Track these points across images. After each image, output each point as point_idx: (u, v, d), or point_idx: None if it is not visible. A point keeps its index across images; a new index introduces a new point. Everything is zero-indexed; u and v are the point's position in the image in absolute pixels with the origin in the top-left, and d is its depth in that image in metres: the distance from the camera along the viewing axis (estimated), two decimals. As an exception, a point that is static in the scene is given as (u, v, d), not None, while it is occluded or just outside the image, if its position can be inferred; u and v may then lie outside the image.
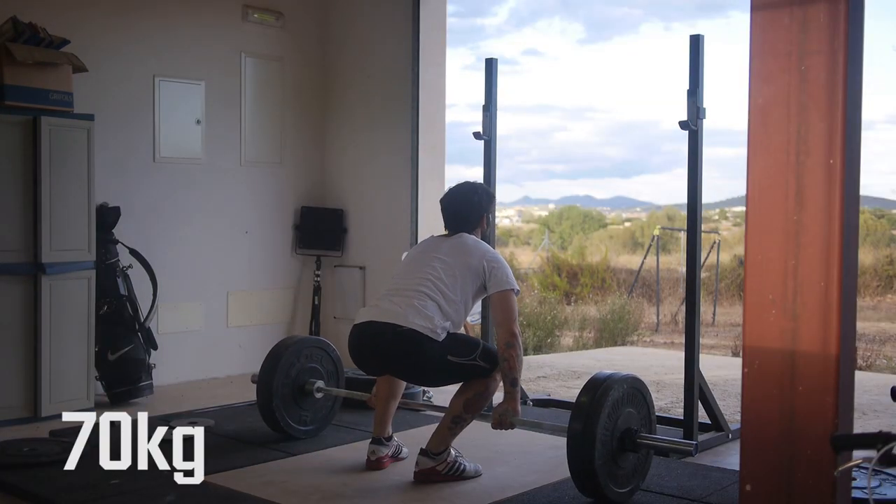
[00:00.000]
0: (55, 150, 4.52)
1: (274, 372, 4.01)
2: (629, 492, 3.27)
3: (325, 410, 4.21)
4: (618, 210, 42.52)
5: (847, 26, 2.09)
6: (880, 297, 14.04)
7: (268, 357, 4.09)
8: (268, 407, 3.99)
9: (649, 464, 3.40)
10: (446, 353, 3.33)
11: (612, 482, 3.17)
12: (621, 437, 3.21)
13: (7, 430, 4.24)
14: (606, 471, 3.14)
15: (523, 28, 78.67)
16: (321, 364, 4.19)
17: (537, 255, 18.79)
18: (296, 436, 4.06)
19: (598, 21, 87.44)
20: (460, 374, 3.41)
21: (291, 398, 4.05)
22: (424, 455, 3.39)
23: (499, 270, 3.44)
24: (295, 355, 4.08)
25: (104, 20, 5.24)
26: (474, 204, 3.63)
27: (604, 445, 3.12)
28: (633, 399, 3.29)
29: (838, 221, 2.11)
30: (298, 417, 4.08)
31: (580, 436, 3.11)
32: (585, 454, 3.09)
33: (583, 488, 3.18)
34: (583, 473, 3.13)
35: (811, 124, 2.14)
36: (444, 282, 3.40)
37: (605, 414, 3.13)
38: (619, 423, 3.20)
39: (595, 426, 3.10)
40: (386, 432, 3.63)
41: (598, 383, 3.21)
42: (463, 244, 3.51)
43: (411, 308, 3.33)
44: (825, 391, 2.12)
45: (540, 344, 8.71)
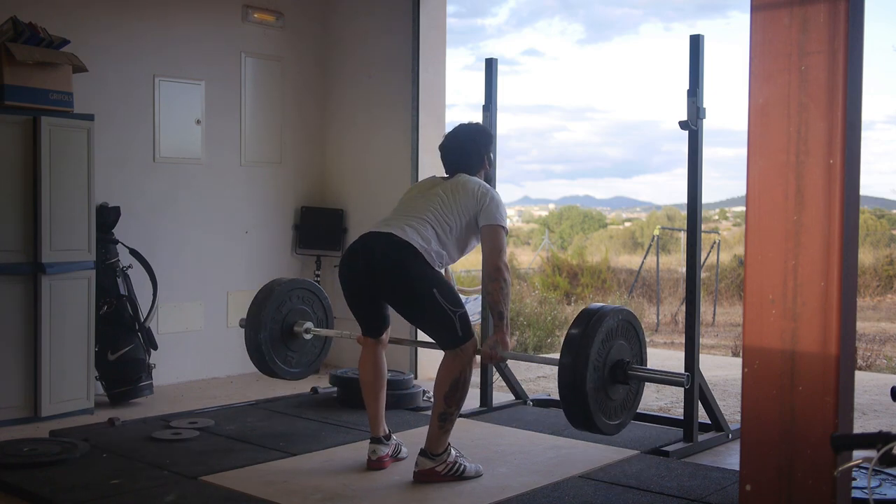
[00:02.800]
0: (55, 150, 4.52)
1: (265, 305, 3.99)
2: (619, 425, 3.28)
3: (312, 357, 4.22)
4: (618, 210, 42.55)
5: (847, 26, 2.09)
6: (880, 297, 14.04)
7: (259, 292, 4.07)
8: (254, 340, 3.97)
9: (640, 398, 3.40)
10: (433, 285, 3.32)
11: (603, 413, 3.17)
12: (612, 368, 3.19)
13: (7, 430, 4.25)
14: (597, 401, 3.13)
15: (523, 28, 78.55)
16: (311, 308, 4.18)
17: (537, 255, 18.80)
18: (280, 375, 4.09)
19: (598, 21, 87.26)
20: (434, 320, 3.36)
21: (280, 337, 4.05)
22: (424, 455, 3.38)
23: (491, 204, 3.44)
24: (286, 294, 4.07)
25: (104, 20, 5.24)
26: (474, 150, 3.62)
27: (595, 375, 3.10)
28: (626, 332, 3.27)
29: (838, 221, 2.11)
30: (284, 357, 4.09)
31: (571, 365, 3.09)
32: (576, 384, 3.07)
33: (573, 418, 3.17)
34: (573, 403, 3.11)
35: (811, 124, 2.14)
36: (443, 215, 3.42)
37: (597, 344, 3.12)
38: (611, 355, 3.19)
39: (587, 356, 3.08)
40: (383, 430, 3.62)
41: (591, 314, 3.19)
42: (463, 182, 3.51)
43: (410, 227, 3.37)
44: (825, 391, 2.12)
45: (540, 344, 8.70)
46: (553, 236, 25.30)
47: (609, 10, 76.70)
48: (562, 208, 34.44)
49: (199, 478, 3.43)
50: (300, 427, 4.28)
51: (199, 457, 3.72)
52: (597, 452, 3.86)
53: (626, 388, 3.28)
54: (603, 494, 3.28)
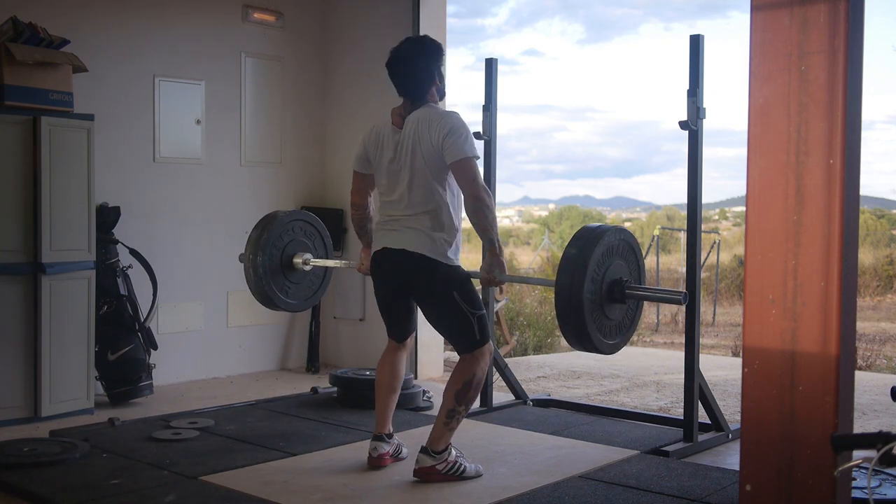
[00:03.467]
0: (55, 150, 4.52)
1: (265, 231, 4.00)
2: (616, 344, 3.28)
3: (309, 292, 4.25)
4: (618, 210, 42.56)
5: (847, 26, 2.09)
6: (880, 297, 14.05)
7: (260, 220, 4.10)
8: (253, 262, 3.98)
9: (637, 319, 3.40)
10: (453, 287, 3.33)
11: (600, 331, 3.17)
12: (610, 286, 3.19)
13: (7, 430, 4.25)
14: (594, 318, 3.13)
15: (523, 28, 78.62)
16: (312, 242, 4.21)
17: (537, 255, 18.80)
18: (278, 305, 4.13)
19: (598, 21, 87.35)
20: (454, 320, 3.37)
21: (279, 266, 4.07)
22: (425, 453, 3.37)
23: (450, 138, 3.27)
24: (288, 224, 4.09)
25: (104, 20, 5.24)
26: (422, 66, 3.41)
27: (592, 292, 3.10)
28: (624, 252, 3.27)
29: (838, 221, 2.11)
30: (282, 286, 4.12)
31: (568, 285, 3.09)
32: (574, 301, 3.07)
33: (569, 335, 3.18)
34: (570, 320, 3.11)
35: (811, 124, 2.14)
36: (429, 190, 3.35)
37: (594, 263, 3.11)
38: (609, 273, 3.18)
39: (584, 274, 3.07)
40: (387, 429, 3.62)
41: (589, 232, 3.19)
42: (418, 135, 3.33)
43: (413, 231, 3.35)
44: (825, 391, 2.12)
45: (540, 344, 8.71)
46: (553, 236, 25.30)
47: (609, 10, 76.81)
48: (562, 208, 34.47)
49: (199, 478, 3.43)
50: (300, 427, 4.28)
51: (199, 457, 3.72)
52: (597, 452, 3.86)
53: (623, 308, 3.27)
54: (603, 494, 3.28)
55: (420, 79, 3.42)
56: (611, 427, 4.34)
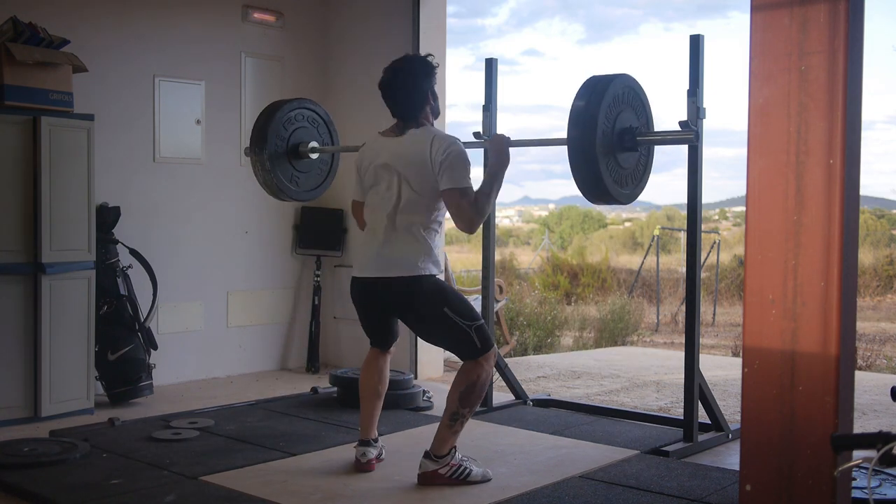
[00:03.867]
0: (55, 150, 4.52)
1: (269, 122, 3.99)
2: (631, 193, 3.30)
3: (316, 181, 4.25)
4: (618, 210, 42.51)
5: (847, 26, 2.09)
6: (880, 297, 14.05)
7: (263, 111, 4.09)
8: (260, 154, 3.97)
9: (650, 166, 3.41)
10: (444, 304, 3.30)
11: (615, 181, 3.19)
12: (620, 135, 3.19)
13: (7, 430, 4.25)
14: (608, 168, 3.14)
15: (523, 28, 78.59)
16: (317, 129, 4.20)
17: (537, 255, 18.79)
18: (288, 194, 4.16)
19: (598, 21, 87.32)
20: (450, 336, 3.34)
21: (285, 155, 4.06)
22: (427, 458, 3.36)
23: (447, 164, 3.25)
24: (291, 113, 4.07)
25: (104, 20, 5.24)
26: (414, 86, 3.37)
27: (604, 142, 3.10)
28: (631, 100, 3.26)
29: (838, 221, 2.11)
30: (290, 175, 4.11)
31: (579, 137, 3.09)
32: (586, 153, 3.07)
33: (586, 188, 3.18)
34: (584, 172, 3.11)
35: (811, 124, 2.14)
36: (416, 211, 3.33)
37: (603, 113, 3.11)
38: (618, 122, 3.19)
39: (594, 125, 3.07)
40: (373, 434, 3.61)
41: (594, 84, 3.17)
42: (414, 155, 3.32)
43: (396, 254, 3.32)
44: (825, 391, 2.13)
45: (540, 344, 8.71)
46: (553, 236, 25.31)
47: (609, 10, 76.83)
48: (562, 208, 34.45)
49: (199, 478, 3.44)
50: (300, 427, 4.28)
51: (199, 457, 3.72)
52: (597, 452, 3.86)
53: (635, 156, 3.28)
54: (603, 494, 3.28)
55: (413, 98, 3.39)
56: (611, 427, 4.34)
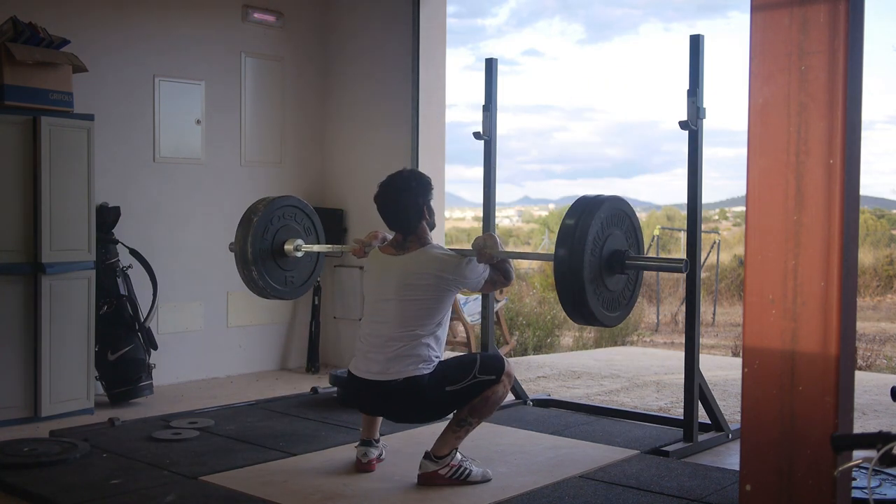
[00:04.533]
0: (55, 150, 4.52)
1: (247, 238, 3.97)
2: (618, 316, 3.28)
3: (310, 267, 4.22)
4: (618, 210, 42.29)
5: (847, 26, 2.09)
6: (880, 297, 14.04)
7: (239, 225, 4.06)
8: (249, 275, 3.97)
9: (639, 288, 3.39)
10: (444, 385, 3.30)
11: (602, 304, 3.16)
12: (609, 257, 3.17)
13: (7, 430, 4.25)
14: (596, 293, 3.12)
15: (523, 28, 78.79)
16: (296, 221, 4.16)
17: (537, 255, 18.76)
18: (284, 297, 4.16)
19: (598, 21, 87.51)
20: (466, 397, 3.33)
21: (272, 261, 4.03)
22: (428, 459, 3.35)
23: (465, 275, 3.37)
24: (267, 219, 4.04)
25: (104, 20, 5.24)
26: (410, 202, 3.43)
27: (592, 268, 3.09)
28: (620, 221, 3.24)
29: (838, 221, 2.10)
30: (283, 279, 4.09)
31: (567, 257, 3.07)
32: (574, 278, 3.05)
33: (573, 313, 3.16)
34: (572, 298, 3.09)
35: (811, 124, 2.14)
36: (419, 320, 3.34)
37: (593, 234, 3.09)
38: (607, 244, 3.17)
39: (582, 245, 3.05)
40: (375, 434, 3.61)
41: (585, 204, 3.16)
42: (416, 271, 3.37)
43: (397, 359, 3.30)
44: (825, 391, 2.12)
45: (540, 344, 8.71)
46: (553, 236, 25.28)
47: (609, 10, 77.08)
48: (562, 208, 34.39)
49: (199, 478, 3.44)
50: (300, 427, 4.28)
51: (199, 457, 3.72)
52: (597, 452, 3.86)
53: (624, 279, 3.26)
54: (603, 494, 3.28)
55: (409, 215, 3.45)
56: (611, 427, 4.34)
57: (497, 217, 4.88)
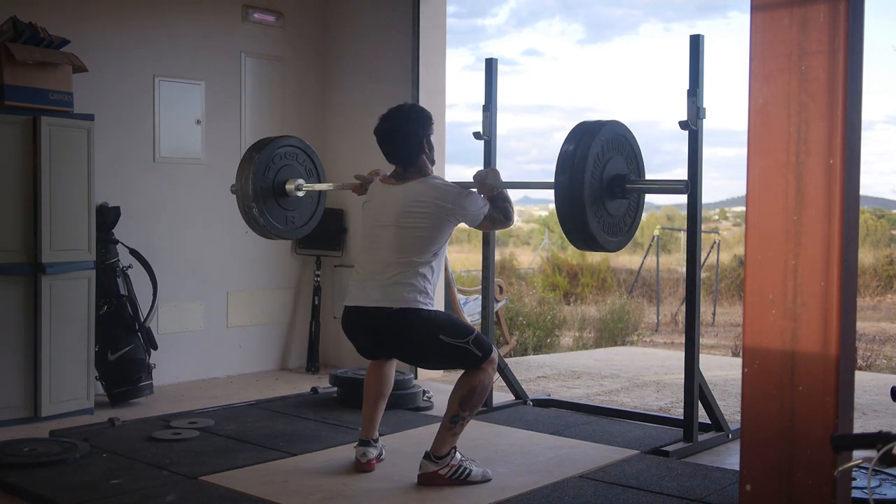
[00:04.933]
0: (55, 150, 4.52)
1: (248, 176, 3.95)
2: (620, 241, 3.27)
3: (311, 209, 4.21)
4: (618, 210, 42.29)
5: (847, 26, 2.09)
6: (880, 297, 14.04)
7: (240, 164, 4.04)
8: (250, 213, 3.96)
9: (641, 213, 3.37)
10: (438, 332, 3.32)
11: (603, 229, 3.15)
12: (610, 182, 3.15)
13: (7, 430, 4.25)
14: (597, 217, 3.10)
15: (523, 28, 78.83)
16: (297, 162, 4.14)
17: (537, 255, 18.79)
18: (286, 236, 4.16)
19: (598, 21, 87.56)
20: (451, 357, 3.38)
21: (273, 200, 4.02)
22: (428, 459, 3.35)
23: (469, 208, 3.39)
24: (268, 158, 4.01)
25: (104, 20, 5.24)
26: (411, 134, 3.44)
27: (592, 191, 3.06)
28: (620, 146, 3.22)
29: (838, 221, 2.11)
30: (285, 219, 4.08)
31: (567, 183, 3.04)
32: (575, 202, 3.03)
33: (573, 235, 3.15)
34: (572, 222, 3.08)
35: (811, 124, 2.14)
36: (416, 248, 3.37)
37: (592, 159, 3.06)
38: (608, 169, 3.14)
39: (582, 170, 3.02)
40: (374, 434, 3.61)
41: (584, 129, 3.12)
42: (416, 200, 3.38)
43: (393, 285, 3.34)
44: (825, 391, 2.12)
45: (540, 344, 8.71)
46: (553, 236, 25.27)
47: (609, 10, 77.13)
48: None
49: (199, 478, 3.44)
50: (300, 427, 4.28)
51: (199, 457, 3.72)
52: (597, 452, 3.86)
53: (625, 203, 3.24)
54: (603, 494, 3.28)
55: (409, 147, 3.46)
56: (611, 427, 4.34)
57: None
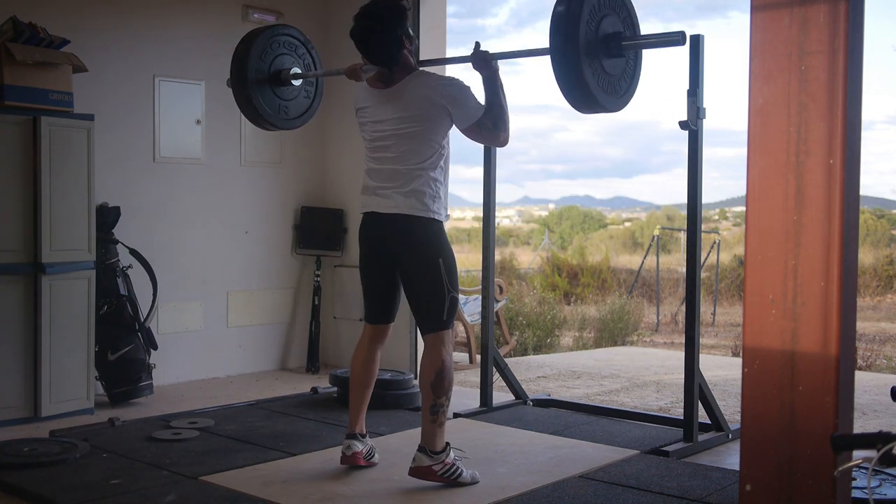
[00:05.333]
0: (55, 150, 4.52)
1: (246, 57, 3.88)
2: (621, 100, 3.25)
3: (307, 104, 4.17)
4: (618, 210, 42.60)
5: (847, 26, 2.09)
6: (880, 297, 14.05)
7: (239, 44, 3.98)
8: (243, 94, 3.90)
9: (640, 70, 3.33)
10: (440, 255, 3.35)
11: (603, 89, 3.11)
12: (605, 40, 3.10)
13: (7, 430, 4.25)
14: (595, 76, 3.06)
15: (523, 28, 78.62)
16: (296, 53, 4.11)
17: (537, 255, 18.79)
18: (280, 126, 4.07)
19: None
20: (429, 291, 3.36)
21: (268, 87, 3.98)
22: (423, 452, 3.34)
23: (458, 99, 3.31)
24: (266, 42, 3.96)
25: (104, 20, 5.24)
26: (387, 36, 3.33)
27: (588, 48, 3.02)
28: (613, 3, 3.17)
29: (838, 221, 2.11)
30: (277, 107, 4.04)
31: (562, 49, 2.99)
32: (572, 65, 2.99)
33: (573, 97, 3.11)
34: (570, 80, 3.03)
35: (811, 124, 2.14)
36: (413, 151, 3.36)
37: (585, 18, 3.01)
38: (602, 27, 3.10)
39: (576, 30, 2.97)
40: (360, 427, 3.58)
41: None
42: (408, 100, 3.34)
43: (405, 194, 3.35)
44: (825, 391, 2.12)
45: (540, 344, 8.71)
46: (553, 236, 25.30)
47: (609, 10, 76.86)
48: (562, 208, 34.48)
49: (199, 478, 3.44)
50: (300, 427, 4.28)
51: (199, 457, 3.72)
52: (597, 452, 3.86)
53: (622, 62, 3.20)
54: (603, 494, 3.28)
55: (389, 48, 3.37)
56: (611, 427, 4.34)
57: (497, 217, 4.88)
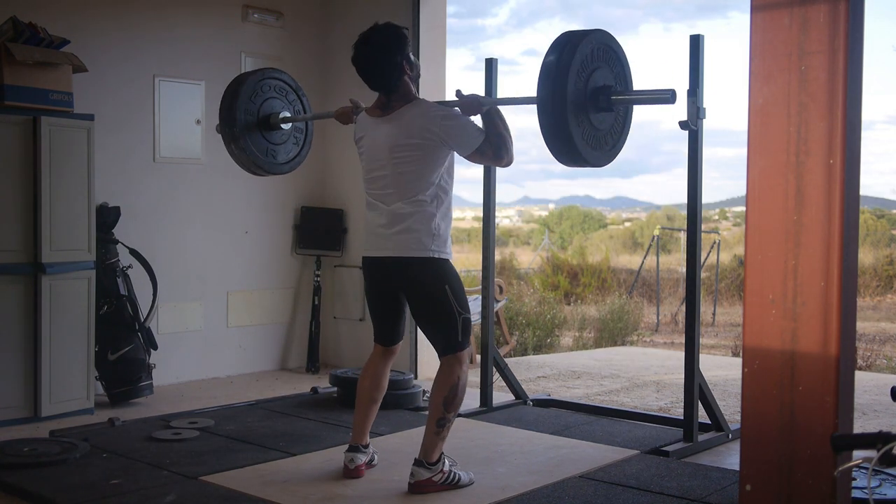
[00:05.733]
0: (55, 150, 4.52)
1: (235, 99, 3.86)
2: (608, 155, 3.19)
3: (298, 148, 4.16)
4: (618, 210, 42.62)
5: (847, 26, 2.09)
6: (880, 297, 14.05)
7: (228, 87, 3.97)
8: (237, 145, 3.89)
9: (628, 126, 3.26)
10: (445, 280, 3.33)
11: (588, 143, 3.06)
12: (594, 94, 3.04)
13: (7, 430, 4.25)
14: (581, 131, 3.00)
15: (523, 28, 78.69)
16: (285, 98, 4.09)
17: (537, 255, 18.79)
18: (264, 168, 4.04)
19: (598, 21, 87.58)
20: (440, 316, 3.34)
21: (258, 133, 3.97)
22: (420, 466, 3.32)
23: (454, 130, 3.27)
24: (253, 89, 3.94)
25: (104, 20, 5.24)
26: (388, 62, 3.33)
27: (576, 103, 2.96)
28: (605, 56, 3.11)
29: (838, 221, 2.11)
30: (265, 149, 4.02)
31: (549, 97, 2.94)
32: (558, 118, 2.93)
33: (557, 150, 3.06)
34: (557, 138, 2.98)
35: (811, 124, 2.14)
36: (418, 186, 3.33)
37: (575, 70, 2.95)
38: (592, 80, 3.03)
39: (565, 83, 2.91)
40: (365, 439, 3.56)
41: (566, 39, 3.01)
42: (405, 130, 3.32)
43: (403, 233, 3.32)
44: (825, 391, 2.12)
45: (540, 344, 8.71)
46: (553, 236, 25.31)
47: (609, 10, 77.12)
48: (562, 208, 34.48)
49: (199, 478, 3.44)
50: (300, 427, 4.28)
51: (199, 457, 3.72)
52: (597, 452, 3.86)
53: (611, 116, 3.14)
54: (603, 494, 3.28)
55: (389, 74, 3.36)
56: (611, 427, 4.34)
57: (497, 217, 4.88)
